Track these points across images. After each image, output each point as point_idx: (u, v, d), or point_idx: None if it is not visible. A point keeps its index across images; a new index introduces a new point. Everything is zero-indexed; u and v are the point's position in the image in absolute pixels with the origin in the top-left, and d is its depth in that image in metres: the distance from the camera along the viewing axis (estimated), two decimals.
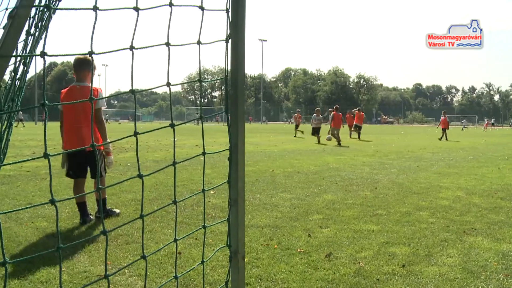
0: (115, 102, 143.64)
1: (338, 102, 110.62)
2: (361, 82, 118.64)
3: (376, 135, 34.53)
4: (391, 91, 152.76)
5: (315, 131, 21.93)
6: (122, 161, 12.02)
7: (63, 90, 5.58)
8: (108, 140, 5.16)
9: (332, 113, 22.50)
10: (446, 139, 26.74)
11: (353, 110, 31.10)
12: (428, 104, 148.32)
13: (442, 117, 29.39)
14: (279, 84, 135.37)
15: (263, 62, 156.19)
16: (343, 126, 24.00)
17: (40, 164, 10.82)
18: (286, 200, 6.82)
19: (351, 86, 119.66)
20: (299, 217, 5.66)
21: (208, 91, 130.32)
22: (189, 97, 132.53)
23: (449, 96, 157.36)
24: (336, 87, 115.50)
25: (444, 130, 28.07)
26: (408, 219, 5.63)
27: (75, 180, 5.55)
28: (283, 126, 67.61)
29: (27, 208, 1.74)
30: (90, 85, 5.16)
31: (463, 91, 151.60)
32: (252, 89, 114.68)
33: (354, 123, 27.52)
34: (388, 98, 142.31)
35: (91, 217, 5.49)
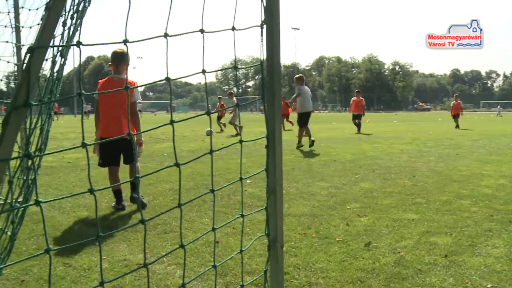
0: (151, 93, 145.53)
1: (373, 89, 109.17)
2: (397, 68, 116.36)
3: (413, 122, 33.84)
4: (428, 77, 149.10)
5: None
6: (159, 152, 12.16)
7: (100, 80, 5.71)
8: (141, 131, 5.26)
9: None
10: (458, 127, 23.28)
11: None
12: (467, 90, 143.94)
13: (454, 102, 25.59)
14: (313, 73, 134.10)
15: (296, 51, 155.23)
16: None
17: (80, 155, 11.06)
18: (323, 188, 6.75)
19: (386, 73, 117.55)
20: (337, 206, 5.59)
21: (242, 81, 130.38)
22: (223, 87, 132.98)
23: (488, 82, 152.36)
24: (371, 74, 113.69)
25: (456, 116, 24.29)
26: (449, 208, 5.48)
27: (109, 168, 5.64)
28: (317, 115, 67.16)
29: (68, 197, 1.76)
30: (126, 77, 5.36)
31: (505, 76, 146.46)
32: (286, 78, 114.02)
33: (352, 111, 21.47)
34: (424, 85, 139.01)
35: (124, 203, 5.62)
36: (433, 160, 9.88)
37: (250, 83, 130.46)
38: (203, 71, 2.08)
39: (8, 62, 5.17)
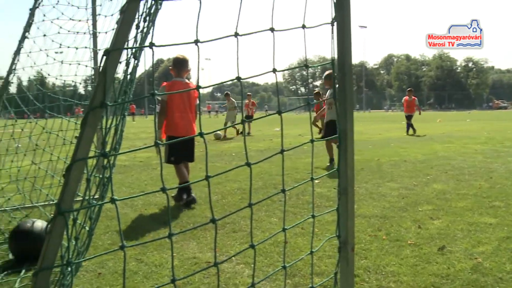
0: (219, 94, 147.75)
1: (444, 87, 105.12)
2: (470, 65, 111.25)
3: (488, 121, 32.17)
4: (505, 73, 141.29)
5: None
6: (227, 151, 12.33)
7: (165, 84, 6.05)
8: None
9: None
10: None
11: None
12: None
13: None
14: (381, 71, 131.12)
15: (364, 50, 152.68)
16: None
17: (150, 154, 11.41)
18: (394, 189, 6.56)
19: (458, 70, 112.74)
20: (408, 208, 5.41)
21: (310, 81, 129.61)
22: (291, 87, 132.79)
23: None
24: (442, 72, 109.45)
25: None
26: None
27: (180, 165, 5.92)
28: (385, 114, 65.57)
29: (141, 195, 1.80)
30: (190, 81, 5.81)
31: None
32: (354, 77, 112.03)
33: (405, 113, 19.60)
34: (501, 81, 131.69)
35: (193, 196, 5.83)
36: None
37: (317, 83, 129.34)
38: (274, 70, 2.07)
39: (86, 66, 5.43)
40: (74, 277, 3.23)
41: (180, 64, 5.96)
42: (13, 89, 7.84)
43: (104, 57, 1.66)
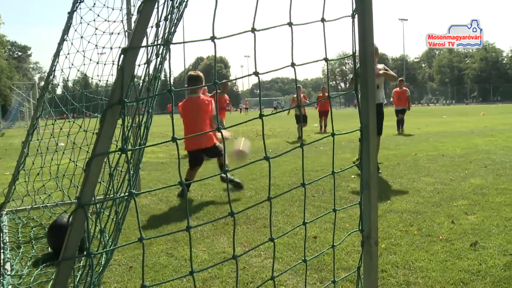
0: (257, 91, 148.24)
1: (490, 79, 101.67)
2: None
3: None
4: None
5: None
6: (262, 147, 12.35)
7: (179, 103, 6.60)
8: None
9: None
10: None
11: None
12: None
13: None
14: (423, 65, 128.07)
15: (404, 43, 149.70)
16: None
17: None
18: (429, 184, 6.44)
19: (504, 62, 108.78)
20: (442, 203, 5.30)
21: (349, 76, 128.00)
22: (331, 83, 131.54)
23: None
24: (487, 63, 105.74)
25: None
26: None
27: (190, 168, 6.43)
28: (427, 108, 64.08)
29: (160, 189, 1.85)
30: (202, 95, 6.26)
31: None
32: (394, 71, 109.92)
33: (395, 106, 16.91)
34: None
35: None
36: None
37: None
38: (292, 64, 2.08)
39: (116, 64, 5.56)
40: (106, 270, 3.34)
41: (192, 81, 6.39)
42: (59, 90, 8.13)
43: (122, 56, 1.72)
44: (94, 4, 5.25)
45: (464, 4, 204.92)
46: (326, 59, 2.28)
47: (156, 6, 1.94)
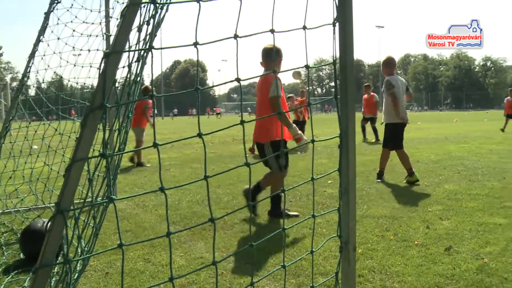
0: (235, 95, 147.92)
1: (462, 87, 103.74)
2: (488, 64, 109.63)
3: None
4: None
5: None
6: (241, 153, 12.33)
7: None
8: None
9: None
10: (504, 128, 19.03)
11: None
12: None
13: (509, 98, 19.59)
14: (399, 71, 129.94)
15: (379, 49, 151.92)
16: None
17: (164, 156, 11.51)
18: (405, 190, 6.53)
19: (476, 70, 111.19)
20: (418, 208, 5.38)
21: (326, 81, 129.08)
22: (308, 88, 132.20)
23: None
24: (460, 71, 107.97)
25: (509, 116, 19.34)
26: None
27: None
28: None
29: (140, 195, 1.83)
30: (269, 73, 4.76)
31: None
32: (371, 77, 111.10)
33: (364, 113, 15.63)
34: None
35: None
36: None
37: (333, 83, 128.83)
38: (274, 71, 2.11)
39: (98, 68, 5.48)
40: (82, 276, 3.29)
41: (263, 55, 5.24)
42: (32, 91, 7.99)
43: (104, 60, 1.70)
44: (72, 5, 5.18)
45: (464, 4, 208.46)
46: (307, 66, 2.30)
47: (139, 10, 1.92)
